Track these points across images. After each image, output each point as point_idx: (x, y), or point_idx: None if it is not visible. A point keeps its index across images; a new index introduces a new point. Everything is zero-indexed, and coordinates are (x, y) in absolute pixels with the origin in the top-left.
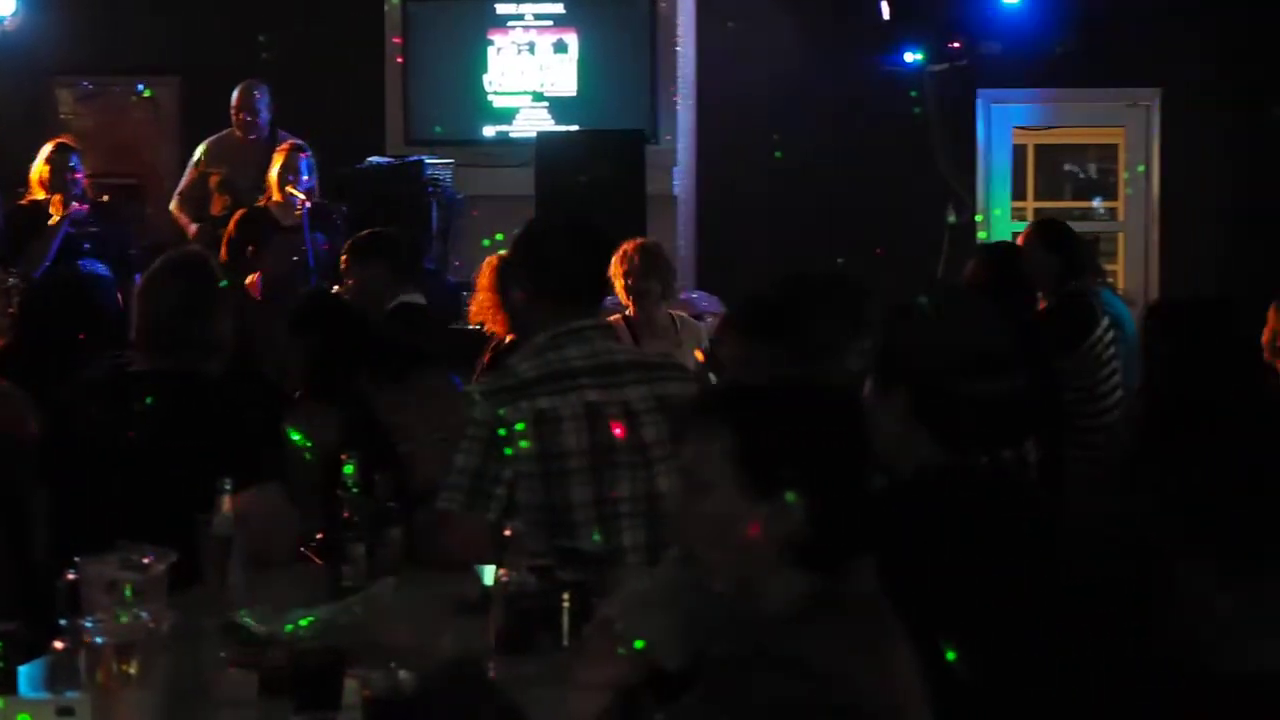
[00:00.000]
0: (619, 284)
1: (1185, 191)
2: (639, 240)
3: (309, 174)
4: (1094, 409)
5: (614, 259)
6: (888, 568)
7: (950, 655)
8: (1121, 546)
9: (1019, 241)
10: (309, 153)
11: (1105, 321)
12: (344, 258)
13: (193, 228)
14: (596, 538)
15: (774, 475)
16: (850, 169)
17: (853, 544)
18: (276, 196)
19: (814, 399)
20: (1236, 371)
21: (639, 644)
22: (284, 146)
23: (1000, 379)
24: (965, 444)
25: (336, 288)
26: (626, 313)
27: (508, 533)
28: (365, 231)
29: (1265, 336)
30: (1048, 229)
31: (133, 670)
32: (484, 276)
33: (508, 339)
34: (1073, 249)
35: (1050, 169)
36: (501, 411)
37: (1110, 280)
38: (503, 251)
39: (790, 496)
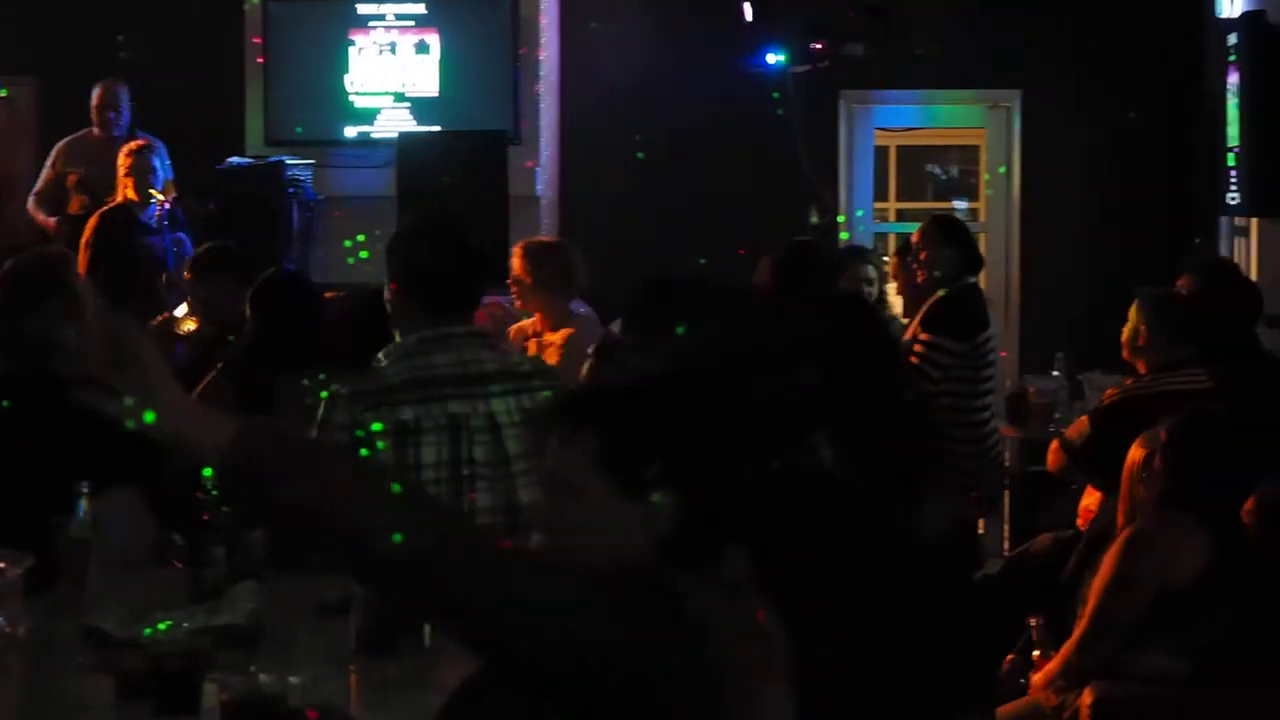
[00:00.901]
0: (527, 285)
1: (1045, 192)
2: (546, 239)
3: (164, 173)
4: (970, 405)
5: (517, 258)
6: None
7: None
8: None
9: (914, 238)
10: (162, 151)
11: (992, 330)
12: (187, 274)
13: (52, 221)
14: None
15: (642, 474)
16: (712, 170)
17: (724, 537)
18: (131, 195)
19: (678, 396)
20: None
21: None
22: (133, 146)
23: (775, 376)
24: (764, 440)
25: (184, 306)
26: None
27: None
28: (204, 247)
29: (1125, 335)
30: (945, 223)
31: None
32: None
33: None
34: (969, 243)
35: (912, 170)
36: (363, 416)
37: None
38: None
39: (659, 495)
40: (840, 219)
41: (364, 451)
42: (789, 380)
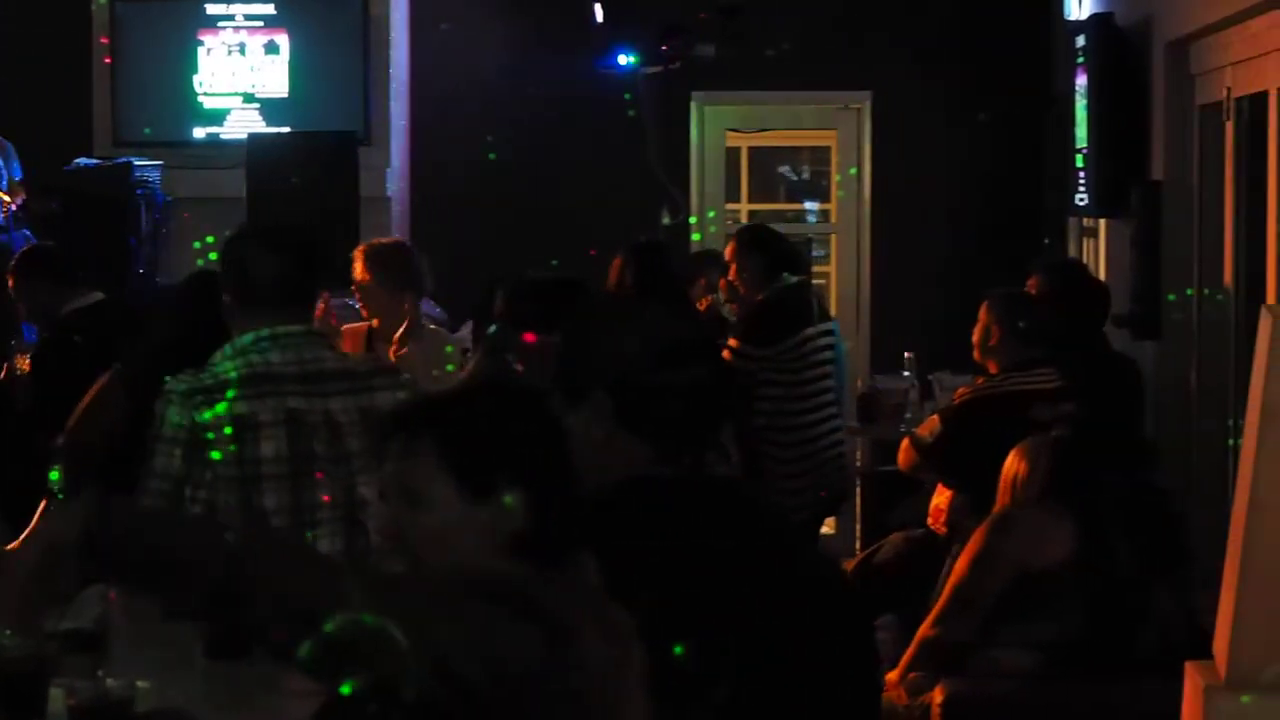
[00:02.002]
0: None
1: (896, 194)
2: (385, 240)
3: (9, 174)
4: (796, 407)
5: (358, 260)
6: (609, 567)
7: (678, 649)
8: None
9: (727, 254)
10: (10, 152)
11: (824, 326)
12: (10, 280)
13: None
14: None
15: (489, 478)
16: (564, 171)
17: (571, 539)
18: None
19: (518, 400)
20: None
21: None
22: None
23: (691, 369)
24: (672, 439)
25: None
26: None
27: None
28: (25, 248)
29: (976, 336)
30: (748, 233)
31: None
32: None
33: None
34: (778, 248)
35: (764, 171)
36: (199, 414)
37: (820, 281)
38: None
39: (508, 498)
40: (692, 220)
41: (214, 455)
42: (703, 370)
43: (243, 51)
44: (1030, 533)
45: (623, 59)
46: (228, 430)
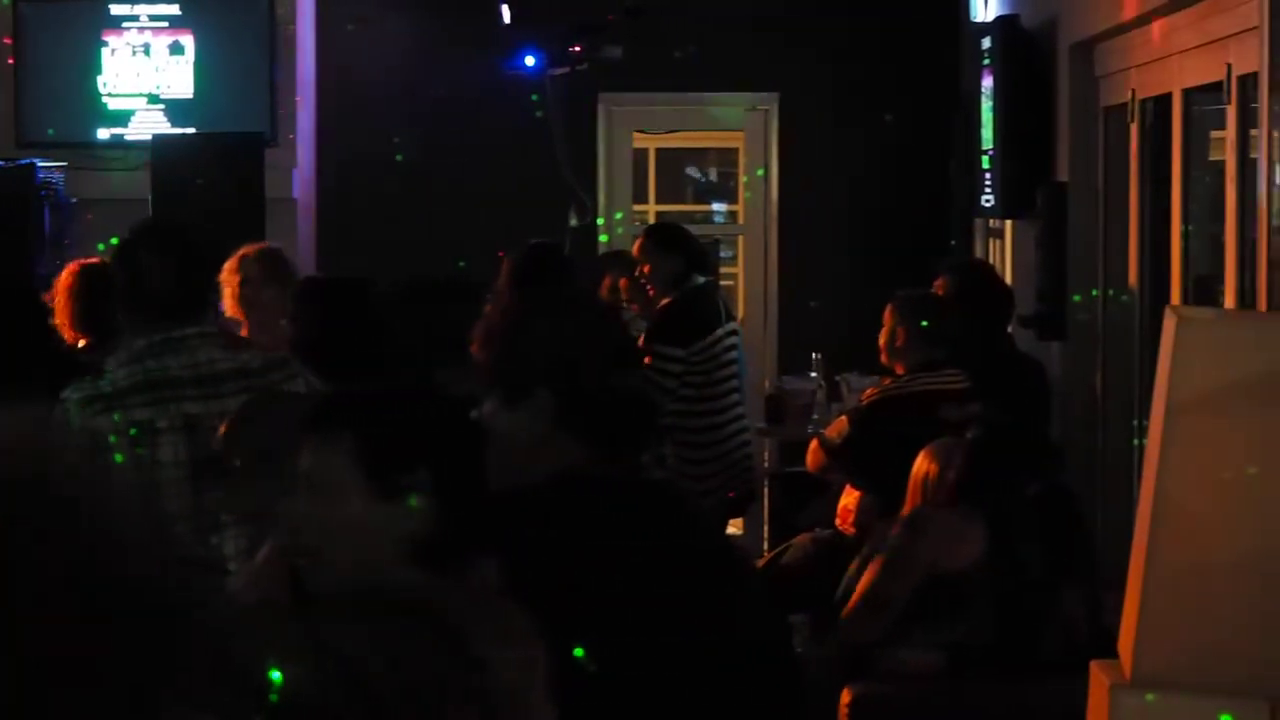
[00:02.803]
0: (229, 291)
1: (803, 195)
2: (258, 245)
3: None
4: (706, 408)
5: (229, 264)
6: (518, 568)
7: (579, 652)
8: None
9: (635, 250)
10: None
11: (730, 326)
12: None
13: None
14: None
15: (400, 478)
16: (471, 172)
17: (473, 544)
18: None
19: (434, 401)
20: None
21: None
22: None
23: (634, 371)
24: (612, 440)
25: None
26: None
27: None
28: None
29: (882, 338)
30: (661, 233)
31: None
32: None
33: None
34: (691, 246)
35: (671, 172)
36: (96, 420)
37: (728, 283)
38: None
39: (413, 498)
40: (599, 221)
41: (117, 458)
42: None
43: (147, 52)
44: (942, 534)
45: (530, 60)
46: (133, 432)
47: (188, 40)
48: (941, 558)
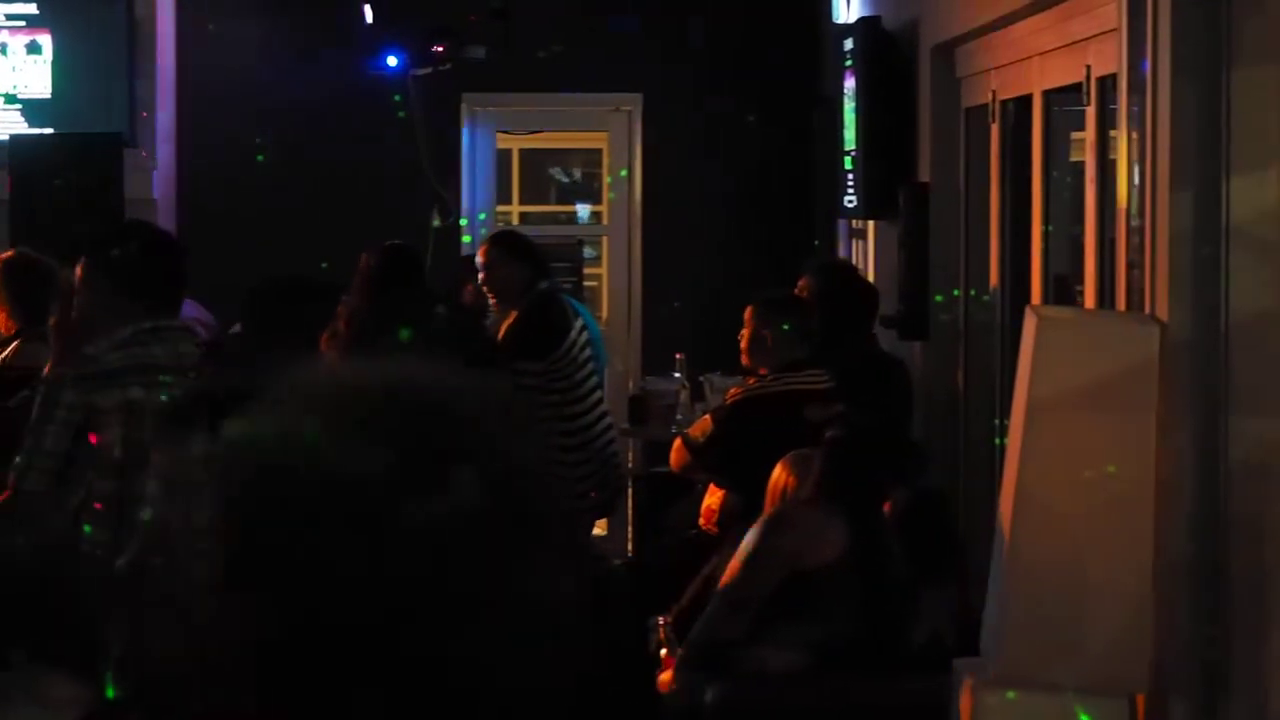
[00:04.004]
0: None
1: (667, 196)
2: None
3: None
4: (573, 410)
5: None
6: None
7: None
8: None
9: (479, 256)
10: None
11: (579, 324)
12: None
13: None
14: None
15: None
16: (334, 172)
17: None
18: None
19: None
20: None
21: None
22: None
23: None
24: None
25: None
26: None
27: None
28: None
29: (744, 340)
30: (505, 241)
31: None
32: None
33: None
34: (537, 254)
35: (535, 173)
36: (90, 397)
37: (592, 283)
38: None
39: None
40: (463, 222)
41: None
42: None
43: (4, 52)
44: (804, 532)
45: (392, 60)
46: (110, 412)
47: (45, 40)
48: (803, 555)
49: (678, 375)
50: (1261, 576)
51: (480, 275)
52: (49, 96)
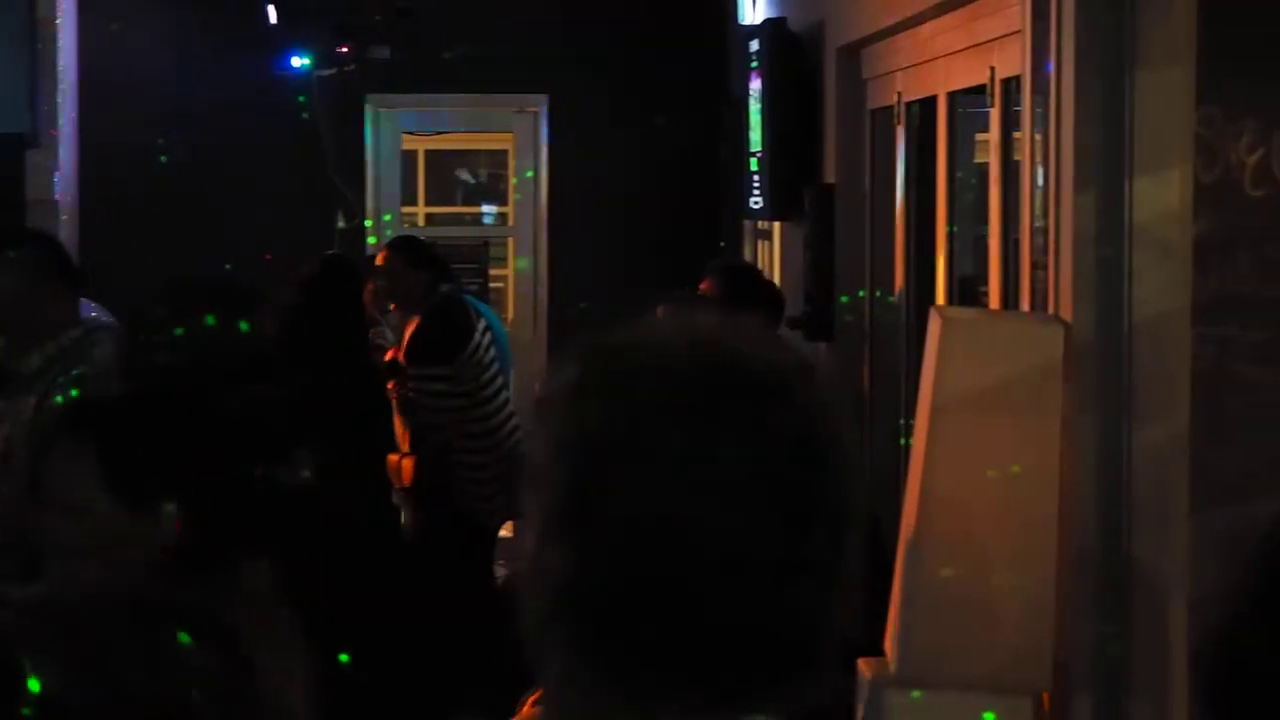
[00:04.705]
0: None
1: (573, 197)
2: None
3: None
4: (481, 412)
5: None
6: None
7: (344, 658)
8: None
9: (379, 261)
10: None
11: (482, 325)
12: None
13: None
14: None
15: (146, 487)
16: (238, 173)
17: (238, 547)
18: None
19: (179, 406)
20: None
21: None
22: None
23: (265, 383)
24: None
25: None
26: None
27: None
28: None
29: None
30: (406, 246)
31: None
32: None
33: None
34: (436, 259)
35: (441, 174)
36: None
37: (498, 285)
38: None
39: (167, 505)
40: (368, 223)
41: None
42: (264, 389)
43: None
44: None
45: (296, 61)
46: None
47: None
48: None
49: None
50: (1163, 576)
51: (380, 281)
52: None
